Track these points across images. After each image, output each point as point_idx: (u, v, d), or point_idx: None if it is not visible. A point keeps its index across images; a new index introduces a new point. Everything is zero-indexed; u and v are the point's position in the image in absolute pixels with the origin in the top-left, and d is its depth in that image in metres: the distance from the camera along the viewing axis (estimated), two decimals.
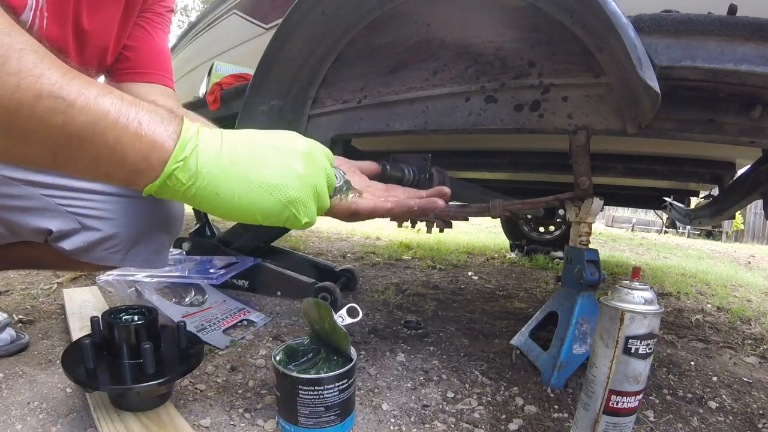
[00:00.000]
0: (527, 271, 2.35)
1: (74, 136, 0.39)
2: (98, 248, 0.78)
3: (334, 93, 1.07)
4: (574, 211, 0.91)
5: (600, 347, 0.62)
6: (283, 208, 0.46)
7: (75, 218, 0.76)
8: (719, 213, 1.50)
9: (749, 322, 1.61)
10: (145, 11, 0.87)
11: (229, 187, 0.44)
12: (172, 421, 0.68)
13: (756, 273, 3.18)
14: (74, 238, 0.76)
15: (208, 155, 0.43)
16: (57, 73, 0.38)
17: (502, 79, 0.83)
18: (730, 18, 0.64)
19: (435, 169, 0.89)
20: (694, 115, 0.74)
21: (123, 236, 0.79)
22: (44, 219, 0.74)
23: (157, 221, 0.84)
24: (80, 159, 0.41)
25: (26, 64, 0.36)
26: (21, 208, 0.73)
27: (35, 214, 0.74)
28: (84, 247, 0.77)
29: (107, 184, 0.77)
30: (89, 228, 0.76)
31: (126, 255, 0.81)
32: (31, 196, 0.73)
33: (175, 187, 0.43)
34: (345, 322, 0.74)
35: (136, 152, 0.41)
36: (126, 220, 0.79)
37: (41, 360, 0.90)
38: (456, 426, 0.76)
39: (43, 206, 0.74)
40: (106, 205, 0.77)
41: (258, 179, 0.45)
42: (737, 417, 0.86)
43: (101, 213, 0.77)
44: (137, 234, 0.81)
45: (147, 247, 0.83)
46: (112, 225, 0.77)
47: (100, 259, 0.79)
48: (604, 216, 12.29)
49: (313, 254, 2.21)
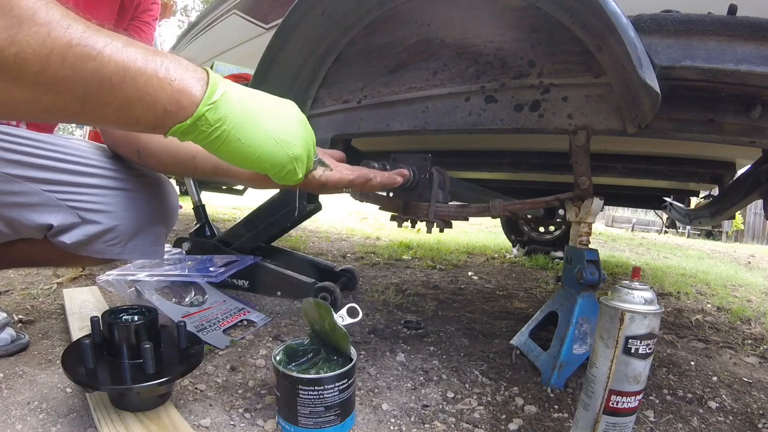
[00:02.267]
0: (527, 271, 2.35)
1: (106, 82, 0.41)
2: (98, 241, 0.79)
3: (334, 93, 1.07)
4: (574, 211, 0.91)
5: (600, 347, 0.62)
6: (288, 162, 0.52)
7: (75, 212, 0.77)
8: (719, 213, 1.50)
9: (749, 322, 1.61)
10: (134, 19, 0.93)
11: (250, 135, 0.49)
12: (172, 421, 0.68)
13: (756, 273, 3.18)
14: (74, 232, 0.77)
15: (234, 102, 0.48)
16: (83, 25, 0.40)
17: (502, 79, 0.83)
18: (730, 18, 0.64)
19: (435, 169, 0.89)
20: (694, 115, 0.74)
21: (122, 229, 0.80)
22: (45, 214, 0.75)
23: (154, 214, 0.85)
24: (110, 104, 0.43)
25: (54, 16, 0.38)
26: (22, 204, 0.73)
27: (36, 210, 0.74)
28: (84, 240, 0.78)
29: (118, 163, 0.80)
30: (89, 221, 0.77)
31: (124, 247, 0.82)
32: (31, 192, 0.73)
33: (201, 128, 0.47)
34: (345, 322, 0.74)
35: (166, 95, 0.44)
36: (125, 213, 0.80)
37: (41, 360, 0.90)
38: (456, 426, 0.76)
39: (43, 202, 0.74)
40: (105, 198, 0.78)
41: (273, 133, 0.51)
42: (737, 417, 0.86)
43: (100, 206, 0.78)
44: (136, 226, 0.82)
45: (145, 239, 0.84)
46: (111, 218, 0.79)
47: (100, 252, 0.80)
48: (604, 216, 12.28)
49: (313, 254, 2.21)
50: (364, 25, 0.98)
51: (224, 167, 0.71)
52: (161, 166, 0.82)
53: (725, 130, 0.74)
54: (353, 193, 1.07)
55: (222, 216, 3.88)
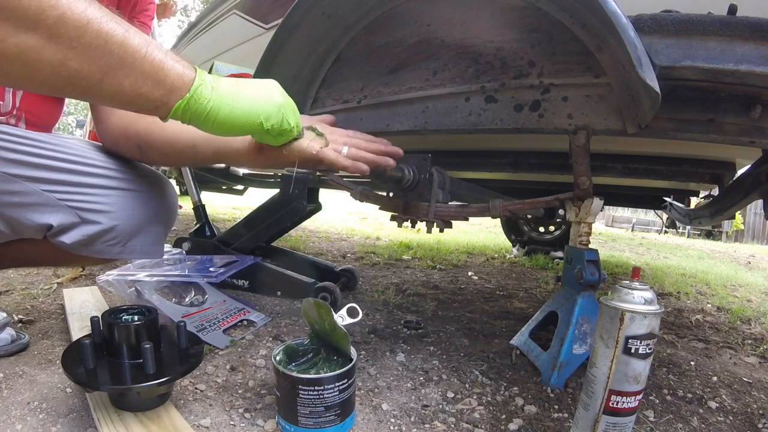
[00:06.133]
0: (527, 271, 2.35)
1: (129, 55, 0.48)
2: (98, 241, 0.79)
3: (334, 93, 1.07)
4: (574, 211, 0.91)
5: (600, 347, 0.62)
6: (277, 111, 0.60)
7: (75, 212, 0.77)
8: (719, 213, 1.50)
9: (749, 322, 1.61)
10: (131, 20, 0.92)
11: (239, 100, 0.57)
12: (172, 421, 0.68)
13: (756, 273, 3.18)
14: (74, 232, 0.77)
15: (222, 79, 0.57)
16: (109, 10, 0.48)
17: (502, 79, 0.83)
18: (730, 18, 0.64)
19: (435, 169, 0.89)
20: (694, 115, 0.74)
21: (122, 228, 0.80)
22: (45, 214, 0.75)
23: (153, 213, 0.85)
24: (128, 77, 0.49)
25: None
26: (22, 204, 0.74)
27: (36, 210, 0.74)
28: (84, 240, 0.78)
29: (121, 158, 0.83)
30: (89, 221, 0.78)
31: (125, 247, 0.82)
32: (31, 192, 0.73)
33: (198, 101, 0.54)
34: (345, 322, 0.74)
35: (175, 72, 0.52)
36: (124, 213, 0.80)
37: (41, 360, 0.90)
38: (456, 426, 0.76)
39: (43, 202, 0.74)
40: (105, 198, 0.78)
41: (259, 94, 0.59)
42: (737, 417, 0.86)
43: (100, 206, 0.78)
44: (135, 226, 0.82)
45: (145, 238, 0.85)
46: (111, 218, 0.79)
47: (99, 252, 0.80)
48: (604, 216, 12.28)
49: (313, 254, 2.21)
50: (364, 25, 0.98)
51: (224, 150, 0.75)
52: (163, 158, 0.82)
53: (725, 130, 0.74)
54: (353, 193, 1.07)
55: (222, 216, 3.88)
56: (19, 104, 0.80)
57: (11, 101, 0.78)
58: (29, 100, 0.81)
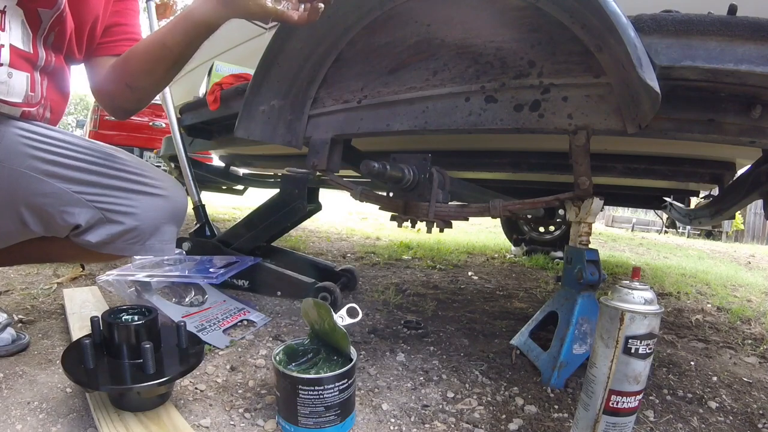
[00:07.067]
0: (527, 271, 2.35)
1: None
2: (120, 240, 0.86)
3: (334, 93, 1.07)
4: (574, 211, 0.91)
5: (600, 347, 0.62)
6: None
7: (102, 213, 0.84)
8: (719, 213, 1.50)
9: (749, 322, 1.61)
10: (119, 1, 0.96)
11: None
12: (172, 421, 0.68)
13: (756, 273, 3.19)
14: (99, 231, 0.84)
15: None
16: None
17: (502, 79, 0.83)
18: (730, 18, 0.64)
19: (435, 169, 0.89)
20: (694, 115, 0.74)
21: (142, 228, 0.87)
22: (75, 215, 0.81)
23: (168, 214, 0.92)
24: None
25: None
26: (55, 204, 0.80)
27: (67, 210, 0.81)
28: (108, 239, 0.85)
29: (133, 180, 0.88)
30: (114, 221, 0.84)
31: (144, 245, 0.89)
32: (63, 193, 0.80)
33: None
34: (345, 322, 0.74)
35: None
36: (145, 215, 0.87)
37: (41, 360, 0.90)
38: (456, 426, 0.76)
39: (74, 202, 0.81)
40: (129, 201, 0.86)
41: None
42: (737, 417, 0.86)
43: (125, 208, 0.85)
44: (153, 226, 0.89)
45: (161, 237, 0.91)
46: (134, 219, 0.86)
47: (121, 250, 0.87)
48: (604, 216, 12.28)
49: (313, 254, 2.21)
50: (364, 25, 0.98)
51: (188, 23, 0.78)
52: (148, 76, 0.86)
53: (725, 130, 0.74)
54: (353, 193, 1.07)
55: (222, 216, 3.88)
56: (45, 95, 0.85)
57: (40, 92, 0.83)
58: (50, 91, 0.87)
